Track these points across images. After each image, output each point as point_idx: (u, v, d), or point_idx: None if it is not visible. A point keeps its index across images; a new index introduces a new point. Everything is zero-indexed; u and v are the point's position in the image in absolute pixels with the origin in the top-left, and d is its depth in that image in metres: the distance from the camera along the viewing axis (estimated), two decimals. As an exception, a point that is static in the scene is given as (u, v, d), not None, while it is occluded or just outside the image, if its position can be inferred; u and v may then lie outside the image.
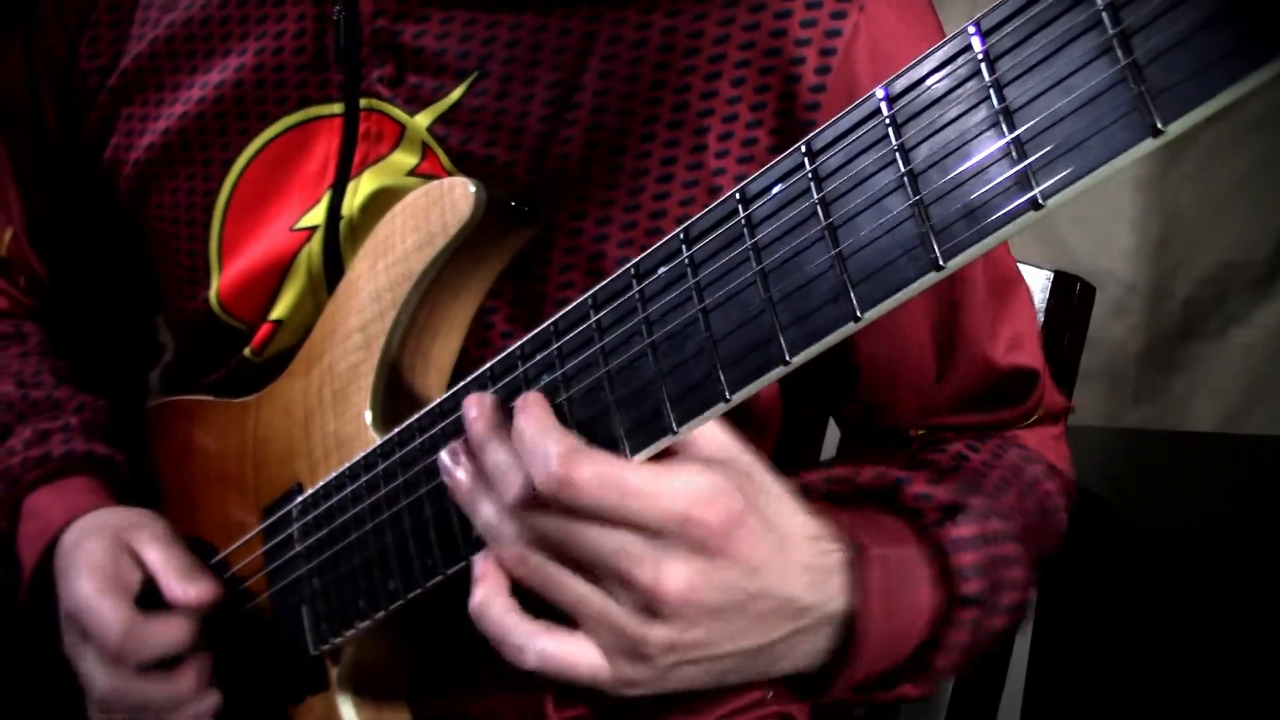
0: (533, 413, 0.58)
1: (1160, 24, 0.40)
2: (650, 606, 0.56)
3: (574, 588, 0.58)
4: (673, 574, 0.55)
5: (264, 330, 0.89)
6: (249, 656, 0.87)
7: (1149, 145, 0.41)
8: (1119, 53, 0.41)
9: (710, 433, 0.58)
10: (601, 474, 0.55)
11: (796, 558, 0.60)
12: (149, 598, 0.84)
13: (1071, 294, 1.16)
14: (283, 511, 0.83)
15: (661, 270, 0.57)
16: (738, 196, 0.54)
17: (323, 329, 0.84)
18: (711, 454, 0.58)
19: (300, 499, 0.81)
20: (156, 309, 1.12)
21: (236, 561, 0.88)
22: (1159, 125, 0.40)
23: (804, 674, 0.64)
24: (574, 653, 0.58)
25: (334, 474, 0.78)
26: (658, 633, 0.56)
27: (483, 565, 0.61)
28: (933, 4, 0.80)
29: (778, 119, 0.74)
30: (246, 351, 0.90)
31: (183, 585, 0.83)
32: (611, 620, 0.57)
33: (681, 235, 0.56)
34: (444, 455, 0.63)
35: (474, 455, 0.62)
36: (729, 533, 0.56)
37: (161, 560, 0.85)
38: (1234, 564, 1.57)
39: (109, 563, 0.84)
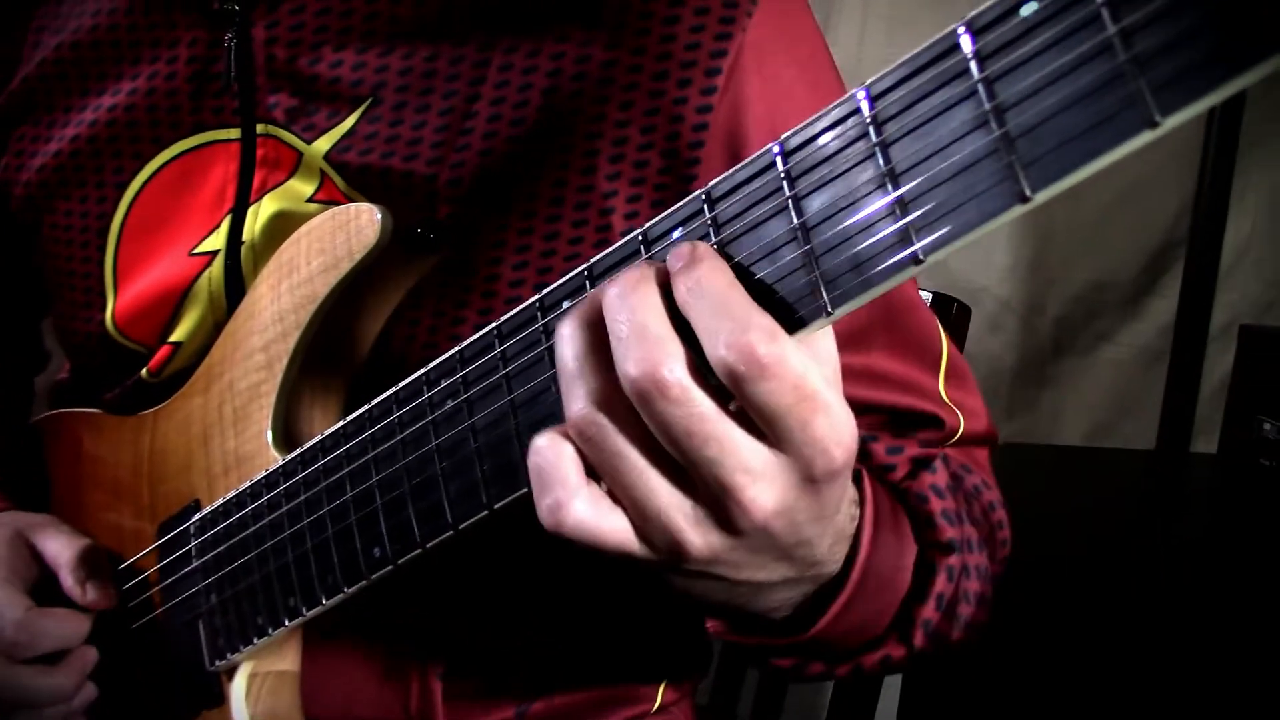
0: (719, 268, 0.50)
1: (1030, 102, 0.44)
2: (725, 519, 0.52)
3: (649, 482, 0.52)
4: (771, 497, 0.51)
5: (163, 352, 0.89)
6: (144, 671, 0.87)
7: (1019, 210, 0.44)
8: (993, 124, 0.44)
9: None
10: (803, 365, 0.49)
11: (838, 519, 0.58)
12: (45, 591, 0.85)
13: (949, 313, 1.21)
14: (180, 528, 0.84)
15: (566, 304, 0.59)
16: (640, 238, 0.56)
17: (223, 347, 0.84)
18: None
19: (198, 516, 0.82)
20: (40, 315, 1.11)
21: (131, 576, 0.88)
22: (1027, 193, 0.44)
23: (763, 615, 0.63)
24: (612, 528, 0.53)
25: (234, 491, 0.79)
26: (710, 540, 0.52)
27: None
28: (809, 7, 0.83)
29: (667, 142, 0.77)
30: (143, 372, 0.90)
31: (82, 583, 0.85)
32: (669, 521, 0.52)
33: (585, 272, 0.58)
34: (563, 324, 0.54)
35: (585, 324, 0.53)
36: (835, 477, 0.52)
37: (63, 556, 0.86)
38: (1098, 573, 1.64)
39: (7, 555, 0.85)
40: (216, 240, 0.85)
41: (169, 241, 0.87)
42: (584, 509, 0.53)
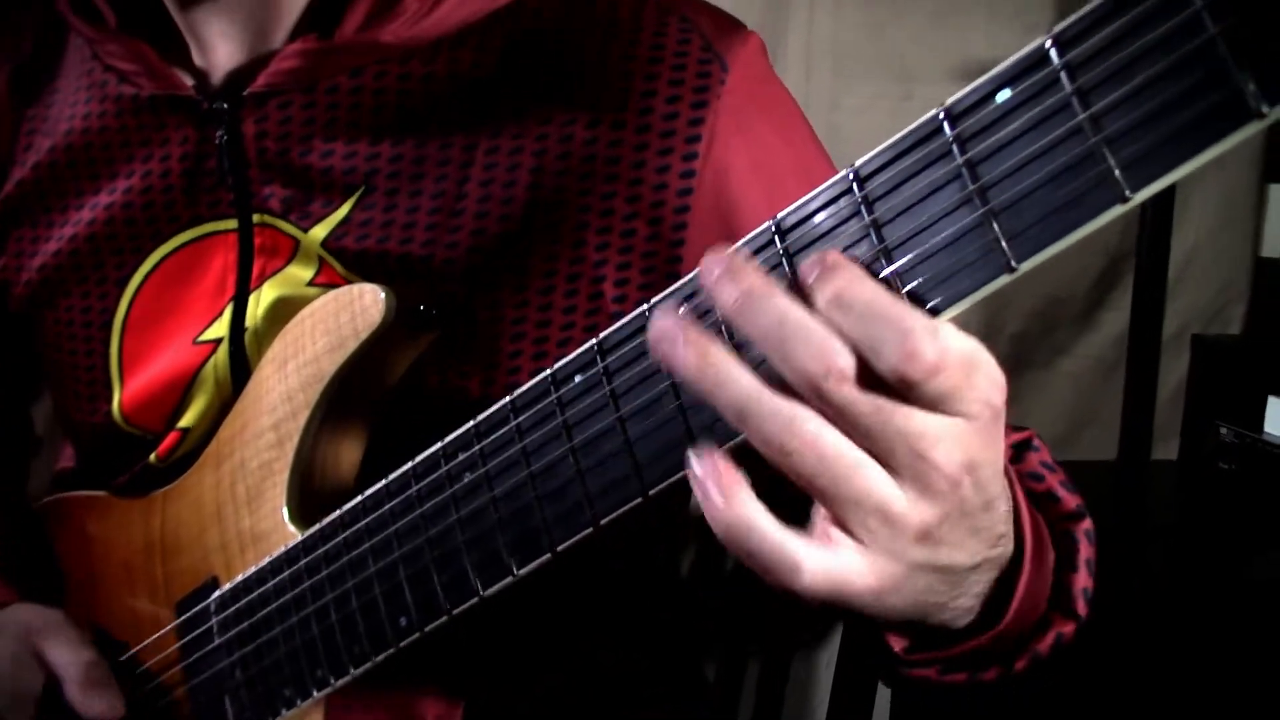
0: (856, 272, 0.50)
1: (1010, 180, 0.48)
2: (925, 485, 0.51)
3: (868, 470, 0.51)
4: (957, 452, 0.51)
5: (171, 438, 0.92)
6: (168, 751, 0.89)
7: (1005, 280, 0.49)
8: (977, 203, 0.49)
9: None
10: (961, 344, 0.50)
11: (1005, 486, 0.58)
12: (51, 701, 0.86)
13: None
14: (199, 606, 0.86)
15: (579, 378, 0.63)
16: (648, 313, 0.60)
17: (231, 427, 0.87)
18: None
19: (218, 593, 0.84)
20: (31, 401, 1.13)
21: (148, 657, 0.90)
22: (1013, 265, 0.48)
23: (948, 626, 0.62)
24: (845, 566, 0.53)
25: (254, 568, 0.81)
26: (924, 514, 0.52)
27: (709, 465, 0.52)
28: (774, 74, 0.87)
29: (652, 210, 0.81)
30: (152, 458, 0.93)
31: (88, 697, 0.85)
32: (890, 506, 0.52)
33: (595, 346, 0.62)
34: (658, 319, 0.53)
35: (694, 330, 0.52)
36: (998, 422, 0.52)
37: (70, 666, 0.86)
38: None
39: (11, 672, 0.86)
40: (220, 328, 0.88)
41: (173, 331, 0.90)
42: (819, 561, 0.52)
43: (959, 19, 2.08)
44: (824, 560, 0.52)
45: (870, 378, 0.49)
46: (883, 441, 0.51)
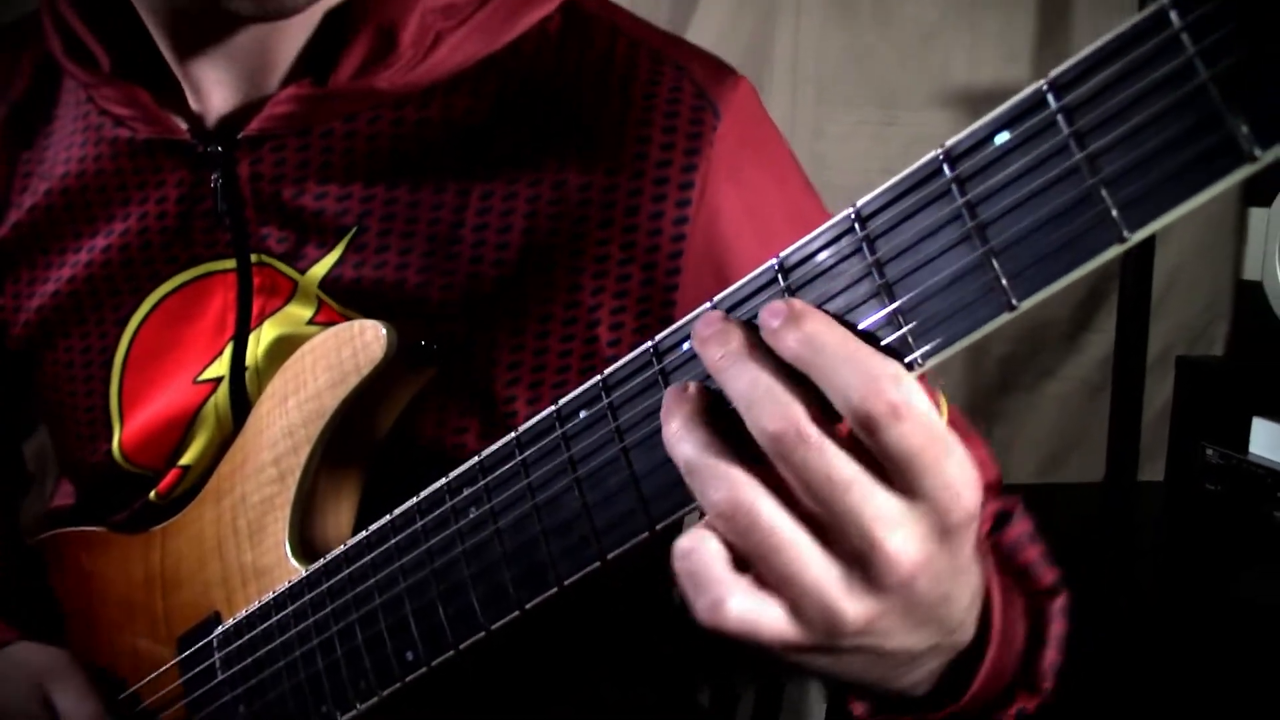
0: (827, 321, 0.52)
1: (1009, 219, 0.49)
2: (873, 577, 0.52)
3: (801, 554, 0.52)
4: (913, 547, 0.51)
5: (171, 475, 0.92)
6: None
7: (1006, 318, 0.50)
8: (977, 242, 0.50)
9: None
10: (929, 407, 0.50)
11: (972, 577, 0.58)
12: None
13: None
14: (202, 642, 0.86)
15: (583, 413, 0.63)
16: (651, 350, 0.61)
17: (231, 462, 0.87)
18: None
19: (221, 629, 0.85)
20: (23, 438, 1.13)
21: (150, 694, 0.90)
22: (1014, 303, 0.49)
23: (908, 692, 0.63)
24: (767, 615, 0.53)
25: (257, 603, 0.82)
26: (865, 606, 0.52)
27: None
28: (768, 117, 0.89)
29: (647, 255, 0.82)
30: (152, 495, 0.93)
31: None
32: (824, 593, 0.52)
33: (600, 383, 0.63)
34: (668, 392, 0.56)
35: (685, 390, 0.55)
36: (967, 522, 0.52)
37: (76, 713, 0.88)
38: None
39: (19, 712, 0.87)
40: (220, 367, 0.89)
41: (173, 370, 0.90)
42: (742, 602, 0.52)
43: (941, 45, 2.11)
44: (748, 602, 0.53)
45: (836, 447, 0.50)
46: (836, 519, 0.51)
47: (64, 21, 0.89)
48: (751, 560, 0.53)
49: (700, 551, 0.53)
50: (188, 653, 0.87)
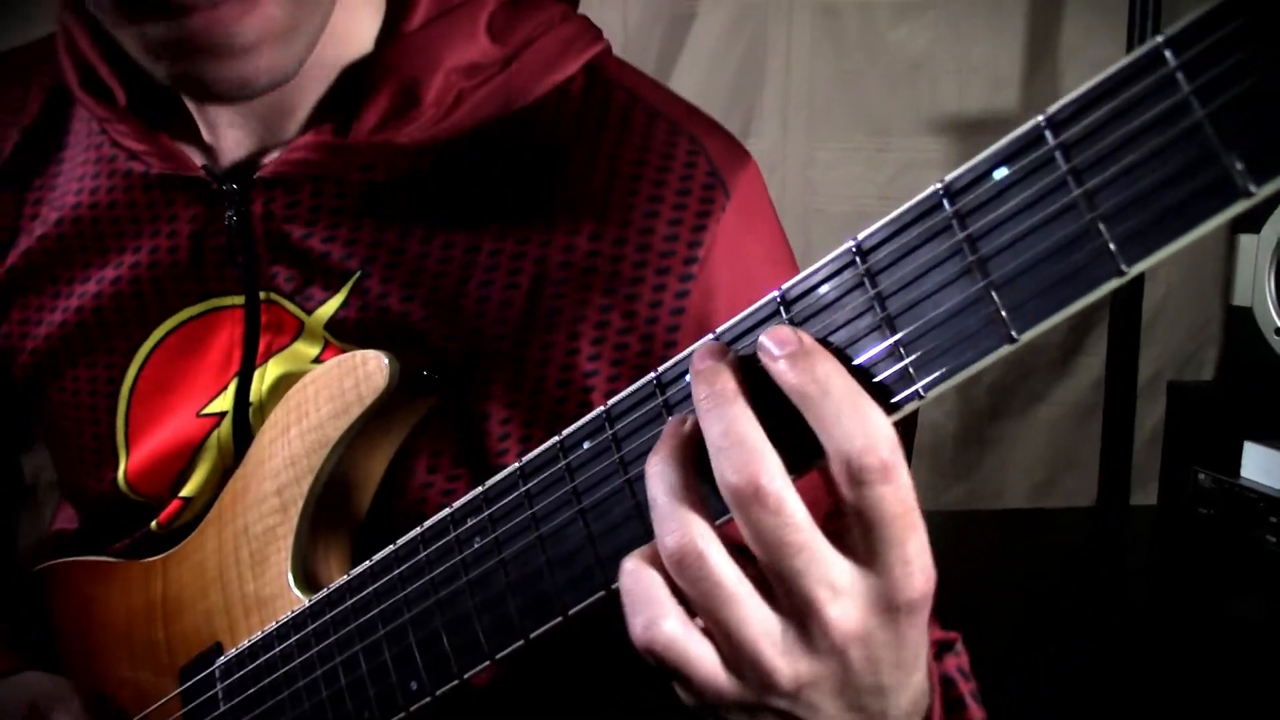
0: (836, 364, 0.53)
1: (1009, 254, 0.50)
2: (806, 639, 0.54)
3: (741, 610, 0.54)
4: (852, 617, 0.53)
5: (173, 506, 0.92)
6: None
7: (1007, 350, 0.51)
8: (977, 275, 0.51)
9: None
10: (910, 491, 0.52)
11: (915, 681, 0.59)
12: None
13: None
14: (204, 673, 0.86)
15: (587, 444, 0.64)
16: (655, 382, 0.61)
17: (233, 492, 0.88)
18: None
19: (224, 659, 0.85)
20: (20, 449, 1.13)
21: (152, 724, 0.91)
22: (1014, 335, 0.50)
23: None
24: (699, 654, 0.55)
25: (260, 634, 0.82)
26: (798, 667, 0.54)
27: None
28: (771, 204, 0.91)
29: (646, 326, 0.82)
30: (153, 525, 0.93)
31: None
32: (758, 648, 0.54)
33: (605, 414, 0.63)
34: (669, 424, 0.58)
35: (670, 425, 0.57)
36: (915, 609, 0.54)
37: None
38: (1050, 632, 1.71)
39: None
40: (224, 402, 0.89)
41: (178, 403, 0.91)
42: (675, 627, 0.55)
43: (930, 73, 2.13)
44: (682, 632, 0.55)
45: (791, 508, 0.53)
46: (781, 577, 0.53)
47: (81, 56, 0.90)
48: (695, 606, 0.55)
49: (642, 573, 0.56)
50: (190, 683, 0.88)
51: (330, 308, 0.86)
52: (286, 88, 0.80)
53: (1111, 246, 0.47)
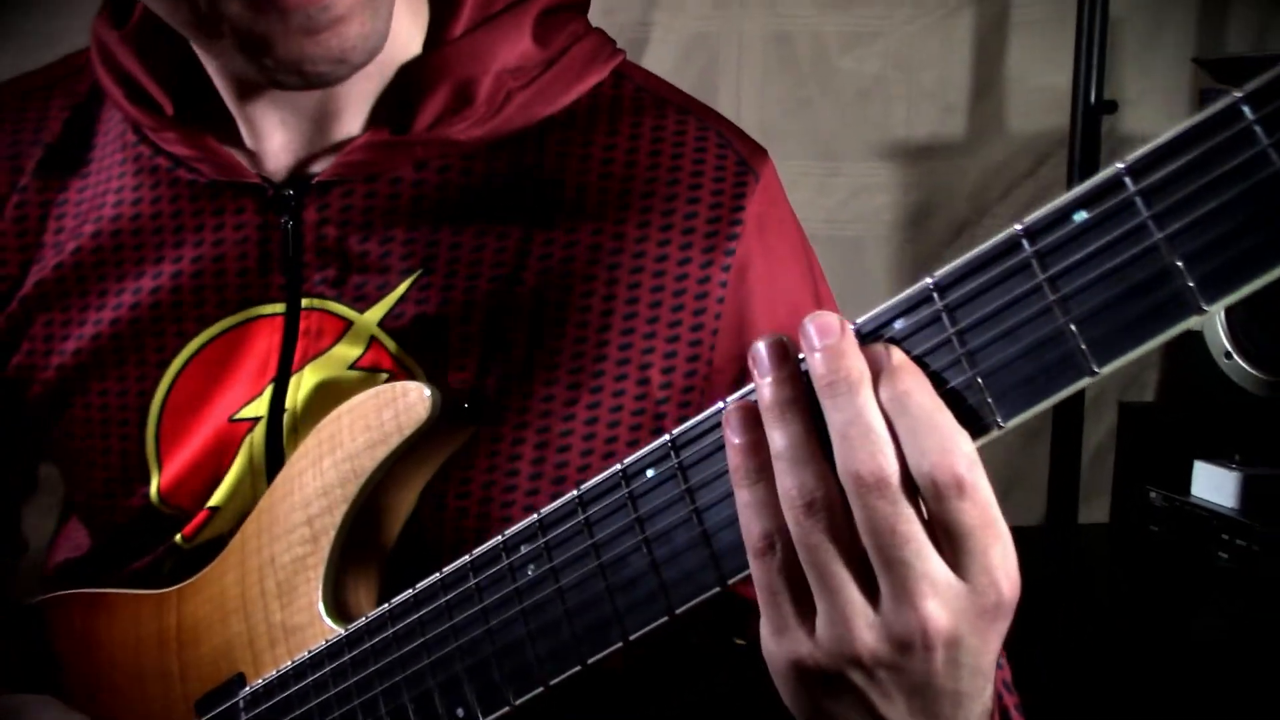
0: (922, 381, 0.56)
1: (1088, 294, 0.52)
2: (900, 627, 0.56)
3: (843, 576, 0.57)
4: (946, 617, 0.55)
5: (200, 517, 0.91)
6: None
7: (1086, 382, 0.53)
8: (1058, 313, 0.53)
9: None
10: (991, 494, 0.56)
11: (989, 693, 0.60)
12: None
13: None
14: (227, 704, 0.86)
15: (651, 472, 0.66)
16: (721, 407, 0.63)
17: (258, 522, 0.87)
18: None
19: (249, 689, 0.84)
20: (23, 499, 1.12)
21: (169, 756, 0.90)
22: (1094, 368, 0.53)
23: None
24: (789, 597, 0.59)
25: (290, 663, 0.82)
26: (878, 645, 0.56)
27: None
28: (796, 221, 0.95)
29: (695, 318, 0.87)
30: (177, 538, 0.92)
31: None
32: (850, 618, 0.57)
33: (670, 442, 0.65)
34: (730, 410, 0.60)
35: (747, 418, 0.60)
36: (1001, 613, 0.56)
37: None
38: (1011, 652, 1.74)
39: None
40: (259, 407, 0.89)
41: (210, 411, 0.90)
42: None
43: (880, 99, 2.18)
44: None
45: (907, 503, 0.55)
46: (887, 566, 0.55)
47: (124, 71, 0.91)
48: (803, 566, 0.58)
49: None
50: (210, 715, 0.87)
51: (385, 306, 0.87)
52: (337, 89, 0.84)
53: (1190, 284, 0.50)
